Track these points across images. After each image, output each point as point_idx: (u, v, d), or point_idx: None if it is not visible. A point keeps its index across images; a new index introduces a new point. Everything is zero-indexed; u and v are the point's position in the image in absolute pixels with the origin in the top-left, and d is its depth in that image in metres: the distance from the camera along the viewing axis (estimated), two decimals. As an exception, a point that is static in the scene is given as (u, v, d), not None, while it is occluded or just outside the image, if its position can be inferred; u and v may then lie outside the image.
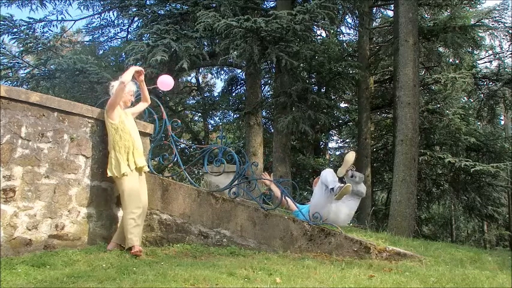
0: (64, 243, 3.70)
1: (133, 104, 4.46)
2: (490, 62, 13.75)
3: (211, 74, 16.69)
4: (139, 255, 3.66)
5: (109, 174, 3.98)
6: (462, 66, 12.11)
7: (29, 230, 3.44)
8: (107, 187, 4.22)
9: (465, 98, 13.57)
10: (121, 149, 3.98)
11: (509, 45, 13.12)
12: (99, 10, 11.44)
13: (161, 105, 5.04)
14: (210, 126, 16.68)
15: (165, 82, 4.59)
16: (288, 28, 7.68)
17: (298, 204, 5.25)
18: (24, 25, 9.80)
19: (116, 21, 11.85)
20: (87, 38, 13.24)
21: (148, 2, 10.44)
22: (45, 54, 9.33)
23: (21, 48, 9.77)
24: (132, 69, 4.18)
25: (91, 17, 11.74)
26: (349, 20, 13.03)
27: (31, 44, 9.50)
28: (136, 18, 10.75)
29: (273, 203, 4.54)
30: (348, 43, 14.33)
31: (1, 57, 9.31)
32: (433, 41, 11.26)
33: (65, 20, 11.51)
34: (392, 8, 11.63)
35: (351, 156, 4.79)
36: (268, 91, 14.41)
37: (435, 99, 12.38)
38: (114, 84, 4.22)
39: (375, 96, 13.51)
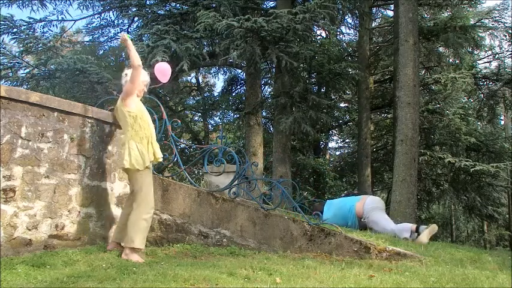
0: (64, 243, 3.70)
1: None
2: (490, 62, 13.76)
3: (211, 74, 16.71)
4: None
5: (127, 166, 3.69)
6: (462, 66, 12.10)
7: (29, 230, 3.44)
8: (106, 187, 4.22)
9: (465, 98, 13.58)
10: (142, 140, 3.77)
11: (509, 45, 13.12)
12: (99, 10, 11.44)
13: (161, 105, 5.03)
14: (210, 126, 16.69)
15: (162, 69, 4.48)
16: (288, 28, 7.68)
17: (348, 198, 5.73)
18: (24, 25, 9.80)
19: (115, 21, 11.85)
20: (87, 38, 13.25)
21: (148, 2, 10.44)
22: (45, 54, 9.33)
23: (21, 48, 9.76)
24: (128, 43, 3.81)
25: (91, 17, 11.74)
26: (349, 20, 13.05)
27: (31, 44, 9.49)
28: (136, 18, 10.75)
29: (273, 203, 4.55)
30: (348, 43, 14.34)
31: (1, 57, 9.30)
32: (433, 41, 11.26)
33: (65, 20, 11.51)
34: (392, 8, 11.62)
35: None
36: (269, 92, 14.41)
37: (435, 99, 12.39)
38: (128, 72, 3.96)
39: (375, 96, 13.51)
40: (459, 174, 11.74)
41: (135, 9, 10.30)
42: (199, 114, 17.24)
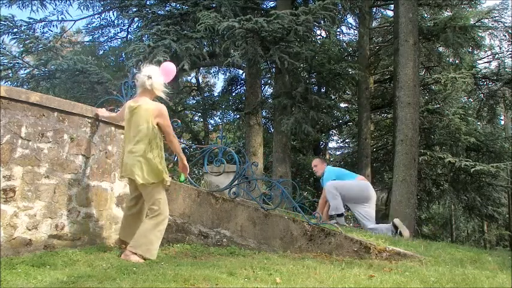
0: (64, 243, 3.70)
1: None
2: (490, 62, 13.76)
3: (211, 74, 16.74)
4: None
5: (140, 181, 3.59)
6: (462, 66, 12.11)
7: (29, 230, 3.44)
8: (107, 187, 4.22)
9: (465, 98, 13.58)
10: (156, 158, 3.67)
11: (509, 45, 13.12)
12: (99, 10, 11.46)
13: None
14: (210, 126, 16.71)
15: (167, 69, 4.46)
16: (289, 28, 7.68)
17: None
18: (25, 25, 9.81)
19: (115, 22, 11.89)
20: (87, 38, 13.28)
21: (148, 2, 10.45)
22: (46, 54, 9.34)
23: (22, 49, 9.77)
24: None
25: (91, 17, 11.77)
26: (350, 20, 13.09)
27: (31, 44, 9.50)
28: (136, 19, 10.77)
29: (273, 203, 4.55)
30: (348, 43, 14.36)
31: (1, 58, 9.31)
32: (433, 41, 11.27)
33: (65, 20, 11.54)
34: (392, 8, 11.63)
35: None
36: (269, 92, 14.41)
37: (435, 99, 12.39)
38: (152, 75, 3.80)
39: (375, 96, 13.51)
40: (459, 174, 11.75)
41: (135, 9, 10.31)
42: (199, 114, 17.25)
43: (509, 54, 12.98)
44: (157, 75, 3.85)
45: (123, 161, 3.78)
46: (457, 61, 12.73)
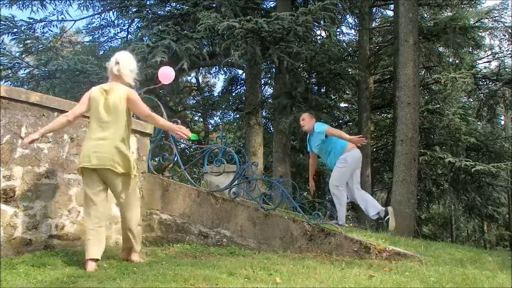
0: (64, 243, 3.70)
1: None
2: (490, 62, 13.77)
3: (211, 74, 16.74)
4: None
5: (130, 171, 3.32)
6: (462, 66, 12.11)
7: (29, 230, 3.44)
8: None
9: (465, 98, 13.58)
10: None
11: (509, 45, 13.13)
12: (99, 10, 11.46)
13: (161, 105, 5.03)
14: (210, 126, 16.72)
15: (166, 73, 4.48)
16: (289, 29, 7.68)
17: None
18: (25, 25, 9.82)
19: (115, 22, 11.88)
20: (87, 39, 13.28)
21: (148, 3, 10.45)
22: (46, 54, 9.34)
23: (22, 49, 9.78)
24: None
25: (91, 17, 11.77)
26: (350, 20, 13.08)
27: (31, 44, 9.52)
28: (136, 19, 10.77)
29: (273, 203, 4.55)
30: (348, 43, 14.36)
31: (1, 58, 9.32)
32: (433, 41, 11.27)
33: (65, 20, 11.54)
34: (392, 8, 11.63)
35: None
36: (269, 92, 14.41)
37: (435, 99, 12.40)
38: (121, 61, 3.47)
39: (375, 96, 13.51)
40: (459, 174, 11.75)
41: (135, 9, 10.31)
42: (199, 114, 17.26)
43: (509, 54, 12.99)
44: (126, 60, 3.51)
45: (86, 149, 3.25)
46: (457, 61, 12.73)
